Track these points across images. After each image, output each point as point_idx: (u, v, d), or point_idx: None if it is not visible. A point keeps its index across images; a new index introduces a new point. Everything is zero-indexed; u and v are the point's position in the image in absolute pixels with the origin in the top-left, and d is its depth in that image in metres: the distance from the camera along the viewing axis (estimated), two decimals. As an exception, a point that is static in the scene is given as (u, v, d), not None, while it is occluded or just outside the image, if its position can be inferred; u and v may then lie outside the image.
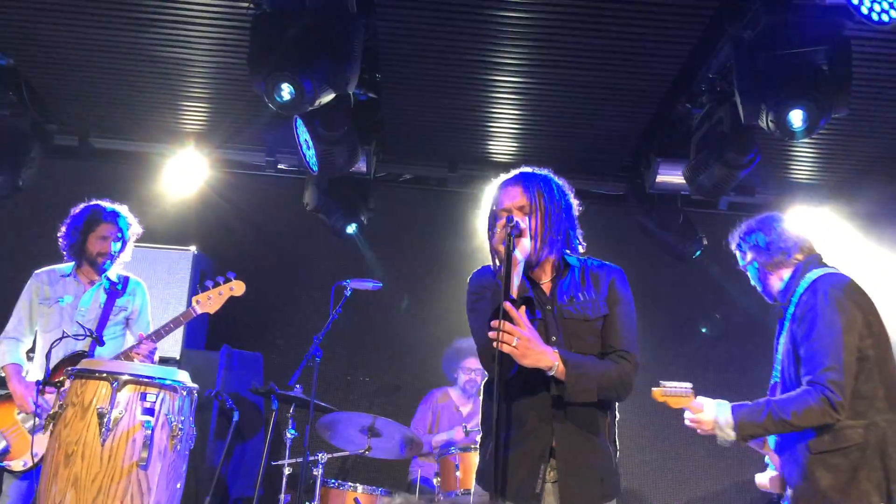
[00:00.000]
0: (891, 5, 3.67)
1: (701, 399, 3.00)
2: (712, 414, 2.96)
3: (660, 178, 5.79)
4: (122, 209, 4.59)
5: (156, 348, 4.26)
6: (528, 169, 2.84)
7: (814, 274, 3.07)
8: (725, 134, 4.91)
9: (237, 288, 4.42)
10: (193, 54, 5.13)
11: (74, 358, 4.07)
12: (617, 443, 2.73)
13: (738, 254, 3.43)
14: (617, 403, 2.73)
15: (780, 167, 5.98)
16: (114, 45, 5.10)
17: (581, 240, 2.82)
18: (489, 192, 2.90)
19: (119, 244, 4.51)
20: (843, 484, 2.80)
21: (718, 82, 4.86)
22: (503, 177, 2.85)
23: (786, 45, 4.03)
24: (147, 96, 5.73)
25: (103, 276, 4.48)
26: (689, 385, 3.00)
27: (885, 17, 3.66)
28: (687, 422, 3.06)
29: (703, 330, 6.43)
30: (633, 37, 4.55)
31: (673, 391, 3.00)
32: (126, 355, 4.20)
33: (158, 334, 4.24)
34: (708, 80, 4.89)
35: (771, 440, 3.15)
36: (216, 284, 4.38)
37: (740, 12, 4.21)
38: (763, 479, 3.23)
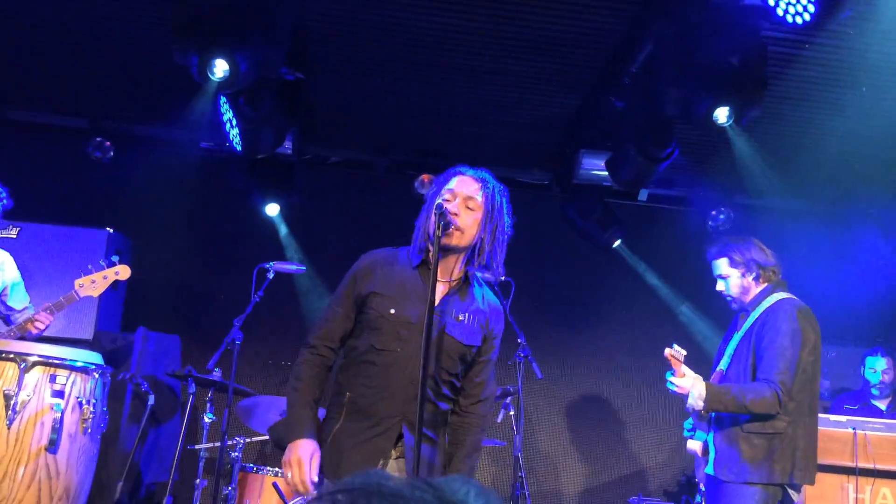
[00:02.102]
0: (804, 8, 3.83)
1: (685, 368, 3.47)
2: (689, 383, 3.44)
3: (584, 169, 5.92)
4: None
5: (50, 323, 4.09)
6: (486, 171, 2.83)
7: (780, 295, 3.64)
8: (646, 127, 5.04)
9: (122, 272, 4.29)
10: (108, 26, 4.95)
11: None
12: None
13: (720, 262, 3.76)
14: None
15: (698, 161, 6.17)
16: (24, 15, 4.87)
17: (498, 268, 2.80)
18: (419, 178, 2.90)
19: None
20: (759, 460, 3.40)
21: (641, 76, 4.97)
22: (464, 166, 2.81)
23: (706, 43, 4.16)
24: (62, 68, 5.51)
25: None
26: (685, 352, 3.47)
27: (798, 20, 3.81)
28: (668, 381, 3.50)
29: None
30: (561, 28, 4.61)
31: (676, 353, 3.46)
32: (21, 326, 4.02)
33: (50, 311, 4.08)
34: (631, 74, 5.00)
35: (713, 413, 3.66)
36: (100, 268, 4.24)
37: (663, 9, 4.32)
38: (694, 444, 3.77)
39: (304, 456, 2.54)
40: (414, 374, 2.57)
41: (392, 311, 2.67)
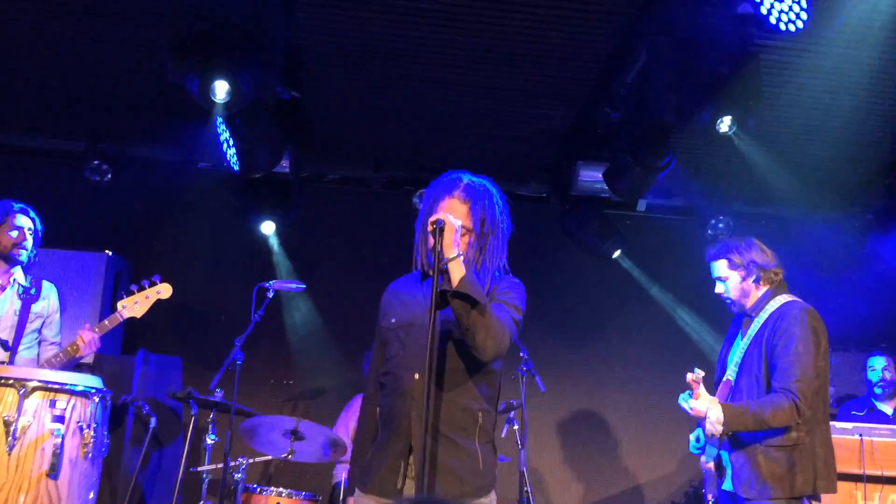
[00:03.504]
0: (797, 16, 3.84)
1: (702, 389, 3.37)
2: (704, 406, 3.33)
3: (581, 181, 5.92)
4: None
5: (100, 339, 4.10)
6: (473, 179, 2.78)
7: (786, 298, 3.54)
8: (642, 137, 5.04)
9: (164, 291, 4.32)
10: (102, 48, 4.96)
11: None
12: (494, 444, 2.78)
13: (719, 263, 3.65)
14: (494, 407, 2.78)
15: (696, 169, 6.17)
16: (20, 38, 4.89)
17: (506, 266, 2.84)
18: (420, 192, 2.89)
19: (32, 240, 4.28)
20: (781, 474, 3.29)
21: (637, 86, 4.98)
22: (451, 178, 2.77)
23: (701, 52, 4.16)
24: (57, 92, 5.52)
25: (12, 279, 4.25)
26: (703, 374, 3.37)
27: (791, 27, 3.82)
28: (684, 404, 3.39)
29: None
30: (554, 41, 4.62)
31: (697, 376, 3.35)
32: (66, 351, 4.05)
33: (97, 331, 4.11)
34: (626, 84, 5.01)
35: None
36: (141, 288, 4.25)
37: (656, 18, 4.33)
38: (707, 460, 3.64)
39: None
40: (420, 373, 2.58)
41: (393, 320, 2.76)
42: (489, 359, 2.64)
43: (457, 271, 2.57)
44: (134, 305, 4.19)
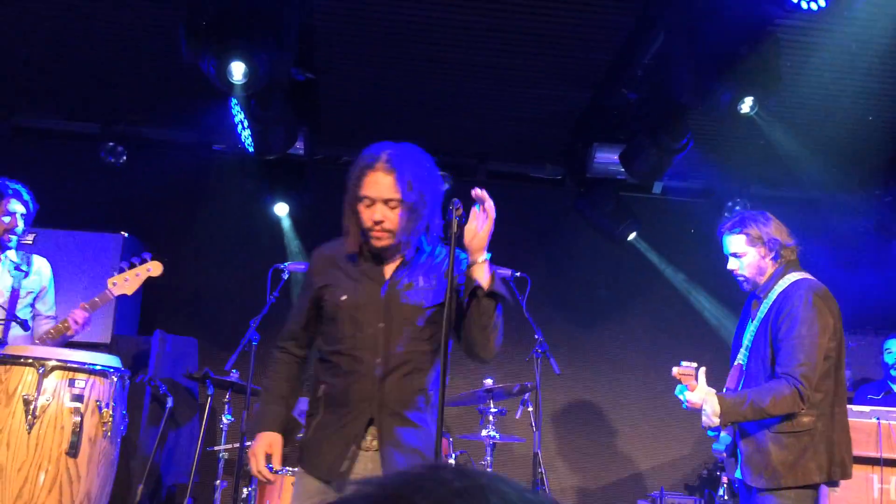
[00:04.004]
0: (818, -6, 3.78)
1: (702, 379, 3.27)
2: (699, 398, 3.24)
3: (597, 163, 5.88)
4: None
5: (90, 318, 4.10)
6: (394, 147, 2.75)
7: (795, 276, 3.37)
8: (659, 119, 5.00)
9: (154, 268, 4.27)
10: (117, 30, 4.96)
11: None
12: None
13: (732, 238, 3.46)
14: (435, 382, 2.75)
15: (713, 152, 6.12)
16: (36, 20, 4.89)
17: (440, 228, 2.76)
18: (354, 164, 2.81)
19: (24, 223, 4.22)
20: (791, 461, 3.16)
21: (654, 68, 4.93)
22: (371, 152, 2.74)
23: (718, 32, 4.11)
24: (73, 74, 5.53)
25: (4, 256, 4.22)
26: (694, 365, 3.27)
27: (813, 6, 3.76)
28: (678, 395, 3.32)
29: None
30: (571, 21, 4.58)
31: (684, 370, 3.28)
32: (58, 328, 4.03)
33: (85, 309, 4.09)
34: (643, 65, 4.96)
35: None
36: (132, 266, 4.24)
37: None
38: (720, 447, 3.55)
39: (258, 448, 2.66)
40: (378, 356, 2.61)
41: (343, 297, 2.70)
42: (490, 357, 2.70)
43: (484, 270, 2.61)
44: (124, 283, 4.18)
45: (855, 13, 4.17)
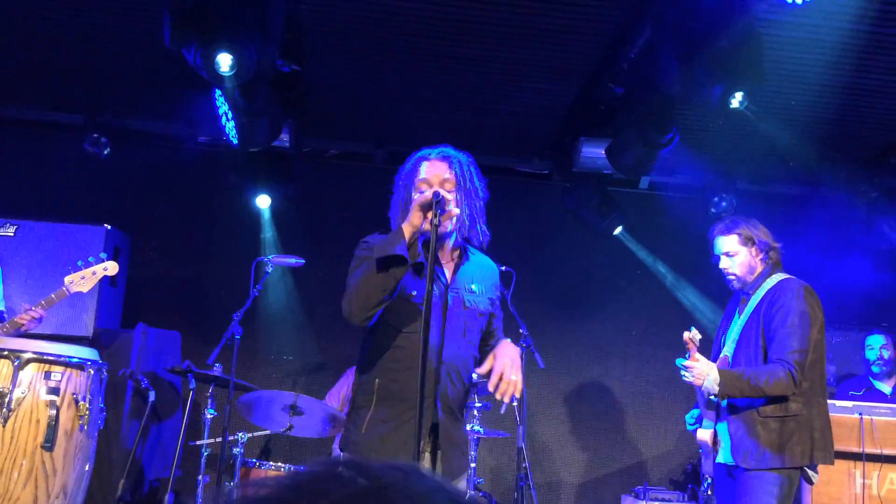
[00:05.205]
0: (804, -12, 3.77)
1: (698, 354, 3.42)
2: (706, 364, 3.39)
3: (584, 157, 5.86)
4: None
5: (43, 316, 4.09)
6: (445, 146, 2.86)
7: (782, 276, 3.59)
8: (646, 113, 4.98)
9: (110, 268, 4.35)
10: (102, 20, 4.91)
11: None
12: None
13: (725, 239, 3.66)
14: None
15: (699, 147, 6.11)
16: (19, 9, 4.83)
17: (483, 233, 2.84)
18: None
19: None
20: (778, 444, 3.35)
21: (641, 62, 4.91)
22: (423, 150, 2.85)
23: (705, 26, 4.09)
24: (56, 64, 5.47)
25: None
26: (700, 336, 3.43)
27: (798, 0, 3.75)
28: (682, 366, 3.43)
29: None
30: (558, 15, 4.55)
31: (695, 335, 3.42)
32: (13, 322, 4.01)
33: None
34: (630, 59, 4.94)
35: (724, 401, 3.59)
36: (88, 265, 4.28)
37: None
38: (704, 434, 3.67)
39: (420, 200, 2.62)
40: (437, 354, 2.66)
41: (414, 293, 2.72)
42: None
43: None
44: (81, 281, 4.22)
45: (839, 7, 4.16)
